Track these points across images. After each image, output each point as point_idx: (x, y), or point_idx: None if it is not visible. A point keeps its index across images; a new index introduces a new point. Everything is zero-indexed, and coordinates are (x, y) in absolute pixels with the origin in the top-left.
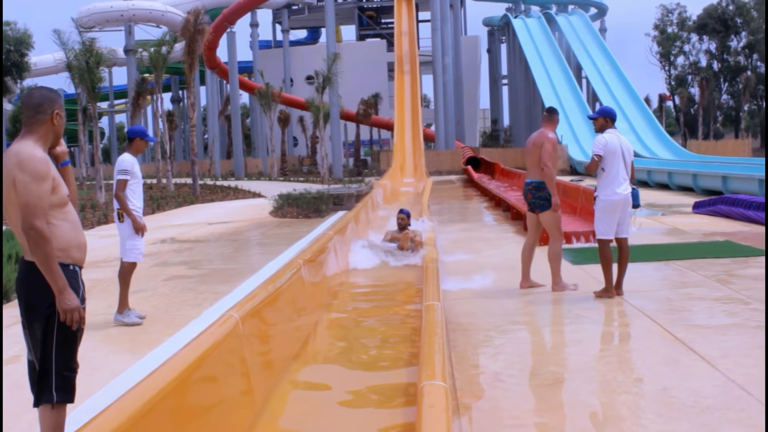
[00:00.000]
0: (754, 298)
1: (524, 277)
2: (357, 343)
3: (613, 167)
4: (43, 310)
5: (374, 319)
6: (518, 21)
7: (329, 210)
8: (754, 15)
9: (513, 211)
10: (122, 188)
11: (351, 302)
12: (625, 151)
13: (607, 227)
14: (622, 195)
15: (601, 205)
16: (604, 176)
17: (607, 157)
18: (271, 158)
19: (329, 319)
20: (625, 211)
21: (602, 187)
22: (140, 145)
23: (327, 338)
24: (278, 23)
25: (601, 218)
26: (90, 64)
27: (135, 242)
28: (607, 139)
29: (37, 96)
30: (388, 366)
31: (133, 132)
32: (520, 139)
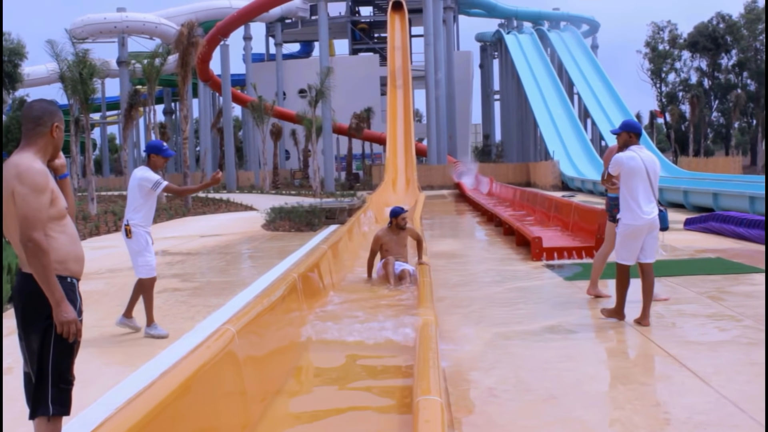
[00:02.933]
0: (746, 315)
1: (592, 284)
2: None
3: (636, 188)
4: (40, 322)
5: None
6: (510, 37)
7: (321, 224)
8: (744, 33)
9: (505, 227)
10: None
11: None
12: (649, 169)
13: (629, 253)
14: (647, 219)
15: (624, 230)
16: (627, 198)
17: (629, 177)
18: (263, 171)
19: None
20: (651, 235)
21: (625, 210)
22: (158, 161)
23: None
24: (271, 36)
25: (623, 243)
26: (83, 75)
27: (146, 258)
28: (625, 158)
29: (37, 108)
30: (383, 374)
31: (150, 147)
32: (511, 154)
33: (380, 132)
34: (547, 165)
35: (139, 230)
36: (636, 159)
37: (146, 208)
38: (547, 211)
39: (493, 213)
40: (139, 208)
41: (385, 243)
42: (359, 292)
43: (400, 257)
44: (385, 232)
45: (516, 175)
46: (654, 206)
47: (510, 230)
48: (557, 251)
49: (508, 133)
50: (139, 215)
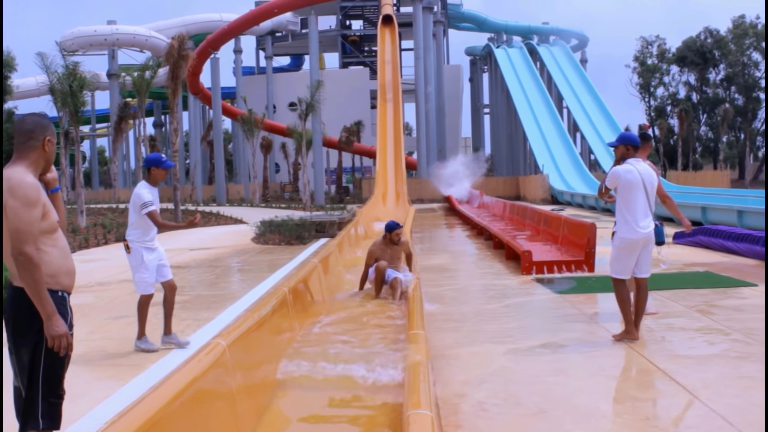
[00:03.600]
0: (735, 329)
1: None
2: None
3: (632, 202)
4: (30, 336)
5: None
6: (500, 51)
7: (311, 237)
8: (731, 48)
9: (495, 240)
10: (157, 218)
11: None
12: (646, 183)
13: (624, 267)
14: (642, 233)
15: (619, 243)
16: (623, 211)
17: (626, 191)
18: (253, 184)
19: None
20: (646, 249)
21: (621, 224)
22: (158, 174)
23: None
24: (262, 50)
25: (617, 257)
26: (73, 88)
27: (142, 275)
28: (622, 171)
29: (29, 122)
30: (376, 387)
31: (148, 161)
32: (501, 168)
33: (370, 145)
34: (537, 179)
35: (136, 246)
36: (633, 172)
37: (144, 225)
38: (536, 225)
39: (482, 227)
40: (136, 224)
41: (379, 257)
42: (349, 308)
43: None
44: (379, 246)
45: (506, 189)
46: (650, 220)
47: (500, 244)
48: (547, 265)
49: (497, 147)
50: (137, 231)
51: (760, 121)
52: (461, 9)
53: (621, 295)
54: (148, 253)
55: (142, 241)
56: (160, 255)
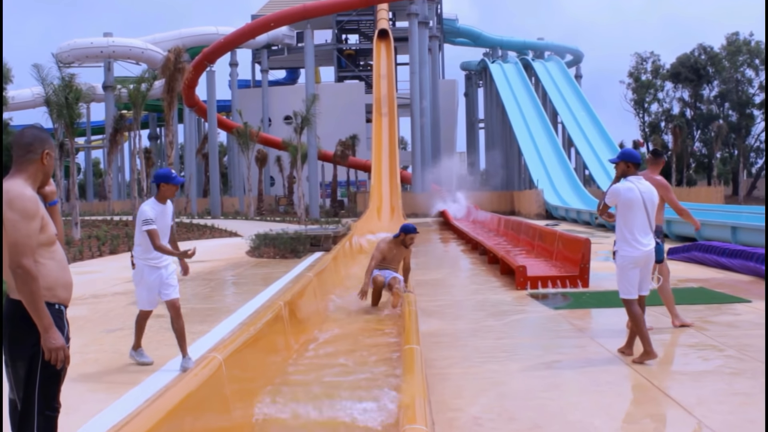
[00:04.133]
0: (729, 345)
1: (674, 316)
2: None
3: (632, 220)
4: (27, 348)
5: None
6: (495, 66)
7: (306, 251)
8: (725, 65)
9: (490, 255)
10: (157, 239)
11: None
12: (647, 201)
13: (630, 286)
14: (644, 251)
15: (621, 262)
16: (623, 230)
17: (627, 209)
18: (248, 197)
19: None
20: (646, 267)
21: (622, 242)
22: (167, 190)
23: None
24: (258, 63)
25: (621, 276)
26: (69, 99)
27: (140, 292)
28: (623, 189)
29: (28, 135)
30: (370, 397)
31: (158, 177)
32: (496, 183)
33: (365, 159)
34: (532, 193)
35: (139, 263)
36: (634, 190)
37: (146, 242)
38: (531, 240)
39: (477, 241)
40: (139, 241)
41: (386, 255)
42: (344, 323)
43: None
44: (388, 244)
45: (500, 204)
46: (651, 238)
47: (494, 259)
48: (541, 280)
49: (492, 161)
50: (140, 248)
51: (753, 137)
52: (457, 24)
53: (634, 315)
54: (150, 272)
55: (144, 259)
56: (165, 274)
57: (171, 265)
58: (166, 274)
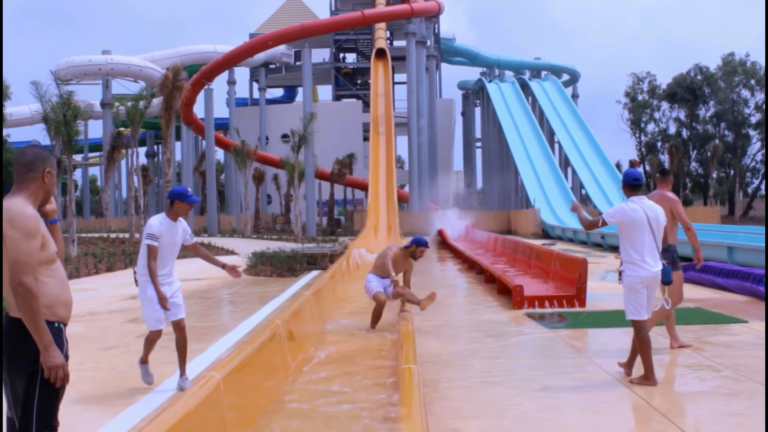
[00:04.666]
0: (726, 365)
1: (673, 337)
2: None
3: (639, 241)
4: (26, 367)
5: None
6: (492, 85)
7: (303, 269)
8: (721, 85)
9: (486, 274)
10: (153, 257)
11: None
12: (652, 221)
13: (638, 306)
14: (651, 271)
15: (628, 282)
16: (629, 251)
17: (631, 230)
18: (245, 215)
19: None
20: (651, 289)
21: (628, 262)
22: (180, 208)
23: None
24: (255, 81)
25: (629, 296)
26: (67, 117)
27: (147, 310)
28: (629, 210)
29: (29, 154)
30: (367, 416)
31: (173, 194)
32: (492, 202)
33: (362, 178)
34: (528, 213)
35: (141, 279)
36: (638, 211)
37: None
38: (528, 259)
39: (474, 260)
40: (142, 255)
41: (395, 263)
42: (341, 344)
43: None
44: (397, 252)
45: (497, 223)
46: (658, 260)
47: (491, 278)
48: (538, 300)
49: (489, 181)
50: (142, 263)
51: (749, 157)
52: (454, 43)
53: (642, 337)
54: (153, 288)
55: (144, 274)
56: (170, 291)
57: (176, 282)
58: (170, 291)
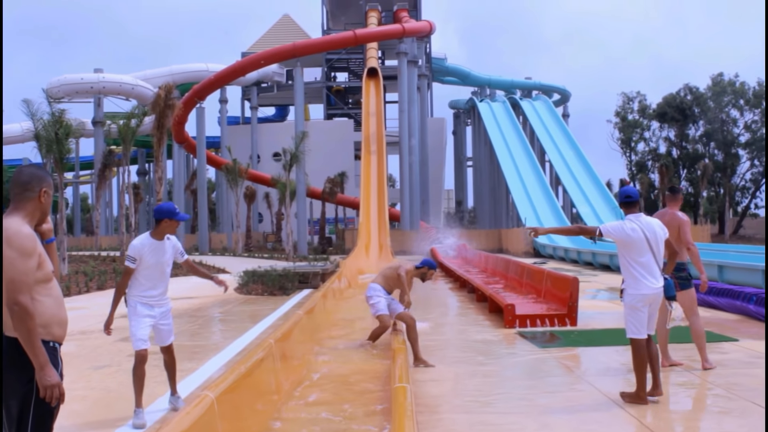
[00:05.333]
0: (717, 384)
1: (664, 355)
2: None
3: (639, 259)
4: (20, 386)
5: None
6: (483, 105)
7: (294, 288)
8: (710, 105)
9: (478, 293)
10: (125, 278)
11: None
12: (650, 238)
13: (638, 325)
14: (653, 288)
15: (630, 300)
16: (629, 269)
17: (629, 248)
18: (236, 234)
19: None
20: (653, 306)
21: (630, 280)
22: (168, 227)
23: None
24: (247, 100)
25: (630, 314)
26: (59, 135)
27: (132, 327)
28: (628, 229)
29: (26, 174)
30: None
31: (161, 212)
32: (484, 221)
33: (354, 196)
34: (519, 232)
35: (129, 299)
36: (637, 230)
37: (139, 277)
38: (519, 278)
39: (465, 279)
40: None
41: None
42: (333, 365)
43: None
44: (410, 270)
45: (488, 242)
46: (659, 276)
47: (483, 297)
48: (530, 318)
49: (480, 199)
50: (134, 285)
51: (739, 176)
52: (445, 63)
53: (638, 356)
54: (143, 308)
55: (133, 295)
56: (158, 315)
57: (167, 304)
58: (159, 314)
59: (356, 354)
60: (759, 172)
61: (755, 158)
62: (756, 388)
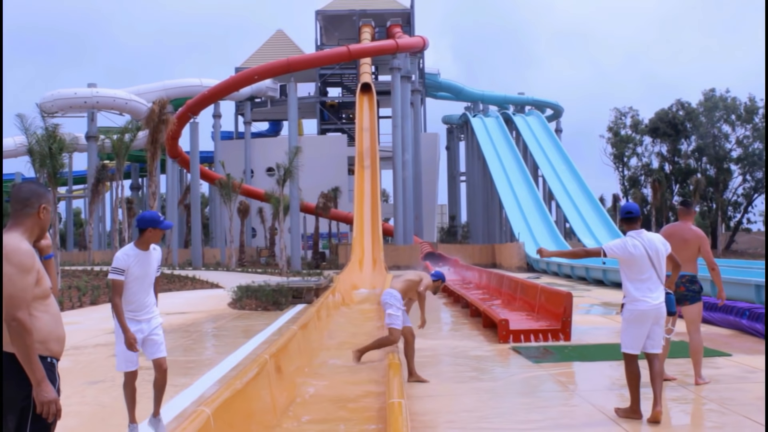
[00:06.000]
0: (710, 398)
1: None
2: None
3: (640, 275)
4: (18, 402)
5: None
6: (477, 120)
7: (288, 303)
8: (702, 120)
9: (472, 308)
10: (117, 293)
11: None
12: (652, 254)
13: (633, 340)
14: (652, 304)
15: (628, 315)
16: (628, 284)
17: (630, 265)
18: (230, 248)
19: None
20: (658, 324)
21: (630, 295)
22: (153, 236)
23: None
24: (241, 115)
25: (626, 329)
26: (53, 149)
27: (117, 348)
28: (630, 245)
29: (25, 190)
30: None
31: (144, 221)
32: (477, 236)
33: (347, 211)
34: (513, 246)
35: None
36: (638, 247)
37: (126, 289)
38: (513, 293)
39: (459, 294)
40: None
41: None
42: (328, 380)
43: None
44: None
45: (482, 257)
46: (661, 292)
47: (477, 312)
48: (524, 334)
49: (473, 214)
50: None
51: (731, 191)
52: (439, 78)
53: (630, 371)
54: (129, 324)
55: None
56: (147, 329)
57: (156, 318)
58: (148, 328)
59: (351, 370)
60: (751, 187)
61: (747, 173)
62: (750, 403)
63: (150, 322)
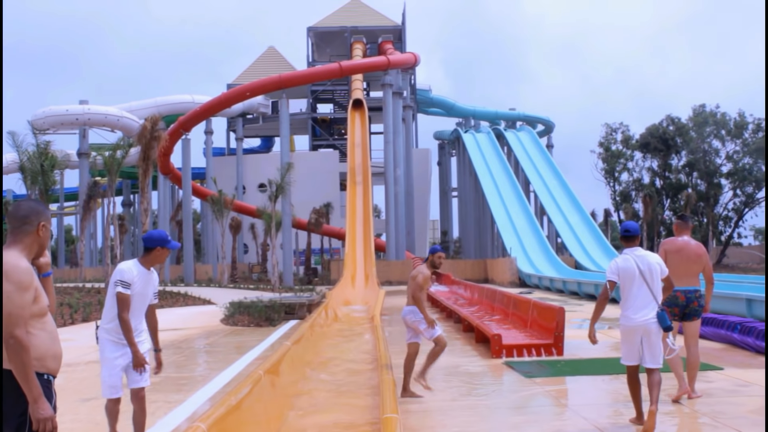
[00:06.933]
0: (702, 412)
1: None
2: None
3: (630, 291)
4: (14, 418)
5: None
6: (468, 135)
7: (281, 319)
8: (692, 135)
9: (465, 323)
10: (126, 308)
11: None
12: (644, 272)
13: (627, 352)
14: (637, 321)
15: (621, 328)
16: (622, 299)
17: (622, 279)
18: (222, 265)
19: None
20: (649, 339)
21: (622, 309)
22: (161, 255)
23: None
24: (233, 131)
25: (621, 342)
26: (44, 166)
27: (102, 373)
28: (621, 263)
29: (24, 208)
30: None
31: (152, 240)
32: (469, 251)
33: (339, 227)
34: (505, 261)
35: (102, 336)
36: (629, 260)
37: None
38: (505, 308)
39: (452, 310)
40: (109, 307)
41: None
42: (321, 397)
43: None
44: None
45: (474, 272)
46: (652, 308)
47: (469, 327)
48: (516, 348)
49: (465, 230)
50: (107, 317)
51: (721, 206)
52: (430, 94)
53: (629, 381)
54: (113, 349)
55: (105, 329)
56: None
57: (144, 343)
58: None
59: (344, 386)
60: (741, 202)
61: (737, 188)
62: (742, 416)
63: (141, 346)
